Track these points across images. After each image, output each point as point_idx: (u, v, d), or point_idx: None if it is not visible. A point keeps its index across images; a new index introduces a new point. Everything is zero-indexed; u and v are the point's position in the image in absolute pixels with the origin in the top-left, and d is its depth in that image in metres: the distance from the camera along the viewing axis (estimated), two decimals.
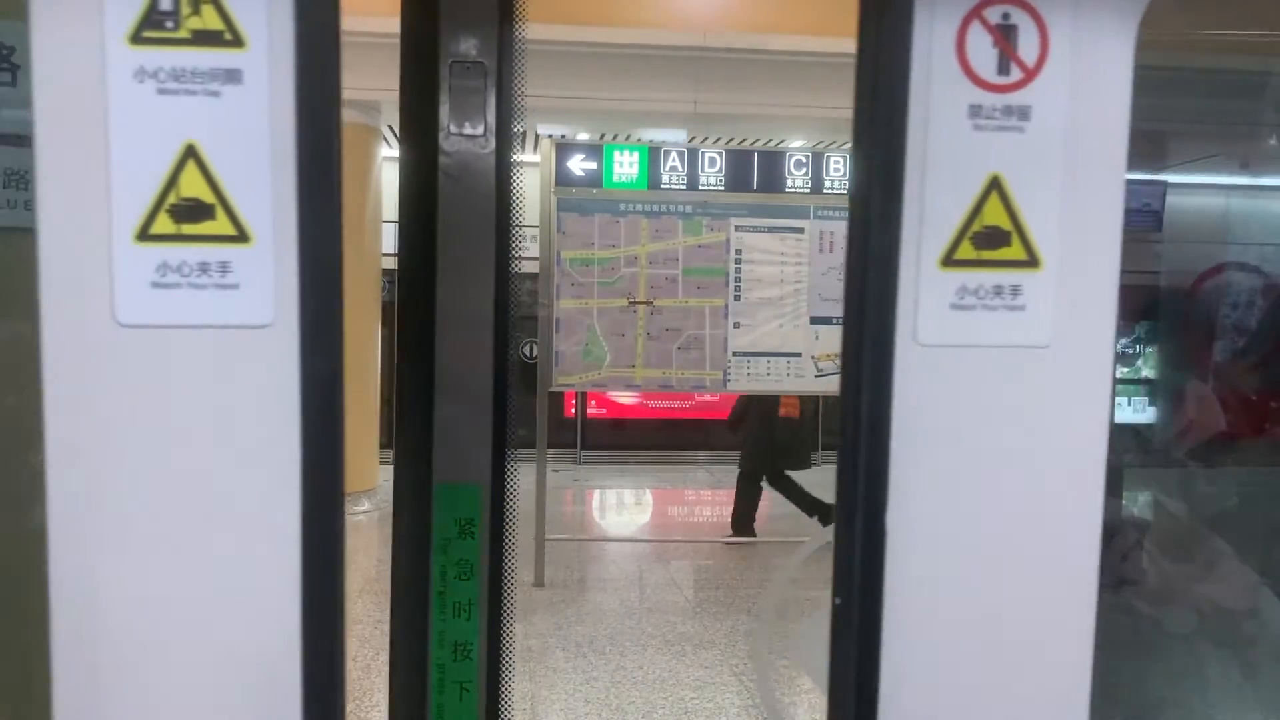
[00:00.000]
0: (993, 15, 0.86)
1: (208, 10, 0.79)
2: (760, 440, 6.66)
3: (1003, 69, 0.87)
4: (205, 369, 0.81)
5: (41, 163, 0.80)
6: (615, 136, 7.34)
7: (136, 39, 0.79)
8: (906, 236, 0.86)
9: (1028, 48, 0.87)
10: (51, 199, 0.80)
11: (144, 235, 0.80)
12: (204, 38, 0.79)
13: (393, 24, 1.12)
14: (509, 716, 1.28)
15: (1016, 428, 0.89)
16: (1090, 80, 0.88)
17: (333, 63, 0.80)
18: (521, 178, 1.22)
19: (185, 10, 0.79)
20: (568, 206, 5.72)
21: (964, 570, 0.89)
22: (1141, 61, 0.88)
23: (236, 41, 0.80)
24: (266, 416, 0.82)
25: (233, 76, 0.80)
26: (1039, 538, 0.90)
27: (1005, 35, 0.87)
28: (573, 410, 10.11)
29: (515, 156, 1.21)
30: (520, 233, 1.22)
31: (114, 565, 0.82)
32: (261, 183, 0.80)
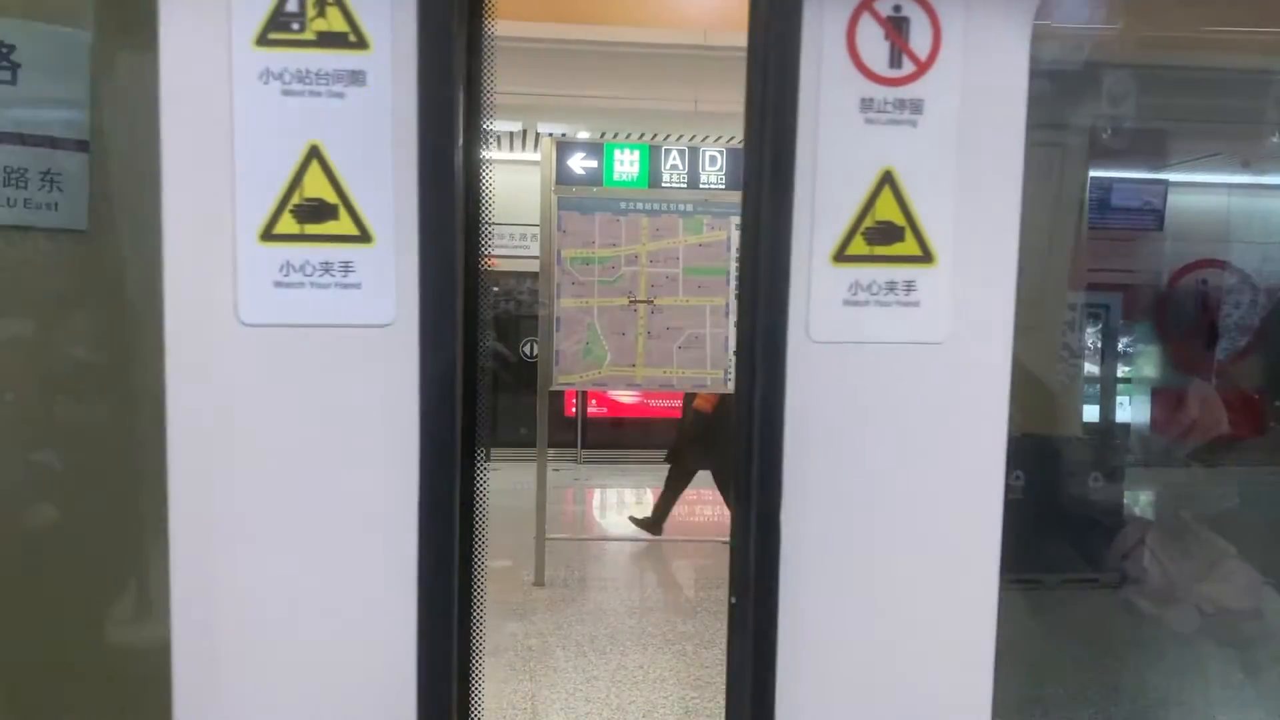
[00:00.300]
0: (884, 7, 0.85)
1: (333, 13, 0.80)
2: (680, 432, 6.68)
3: (894, 62, 0.86)
4: (326, 367, 0.82)
5: (167, 163, 0.80)
6: (615, 135, 7.33)
7: (262, 41, 0.80)
8: (798, 231, 0.85)
9: (920, 40, 0.86)
10: (177, 199, 0.81)
11: (268, 235, 0.81)
12: (329, 39, 0.80)
13: None
14: (479, 715, 1.28)
15: (912, 424, 0.89)
16: (985, 74, 0.87)
17: (453, 64, 0.81)
18: (492, 175, 1.22)
19: (311, 12, 0.80)
20: (568, 205, 5.71)
21: (860, 567, 0.89)
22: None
23: (361, 43, 0.81)
24: (386, 414, 0.83)
25: (356, 78, 0.81)
26: (938, 534, 0.90)
27: (897, 27, 0.86)
28: (573, 409, 10.10)
29: (485, 154, 1.22)
30: (490, 230, 1.23)
31: (232, 558, 0.82)
32: (383, 183, 0.81)
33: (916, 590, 0.89)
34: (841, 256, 0.86)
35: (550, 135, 6.07)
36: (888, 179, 0.86)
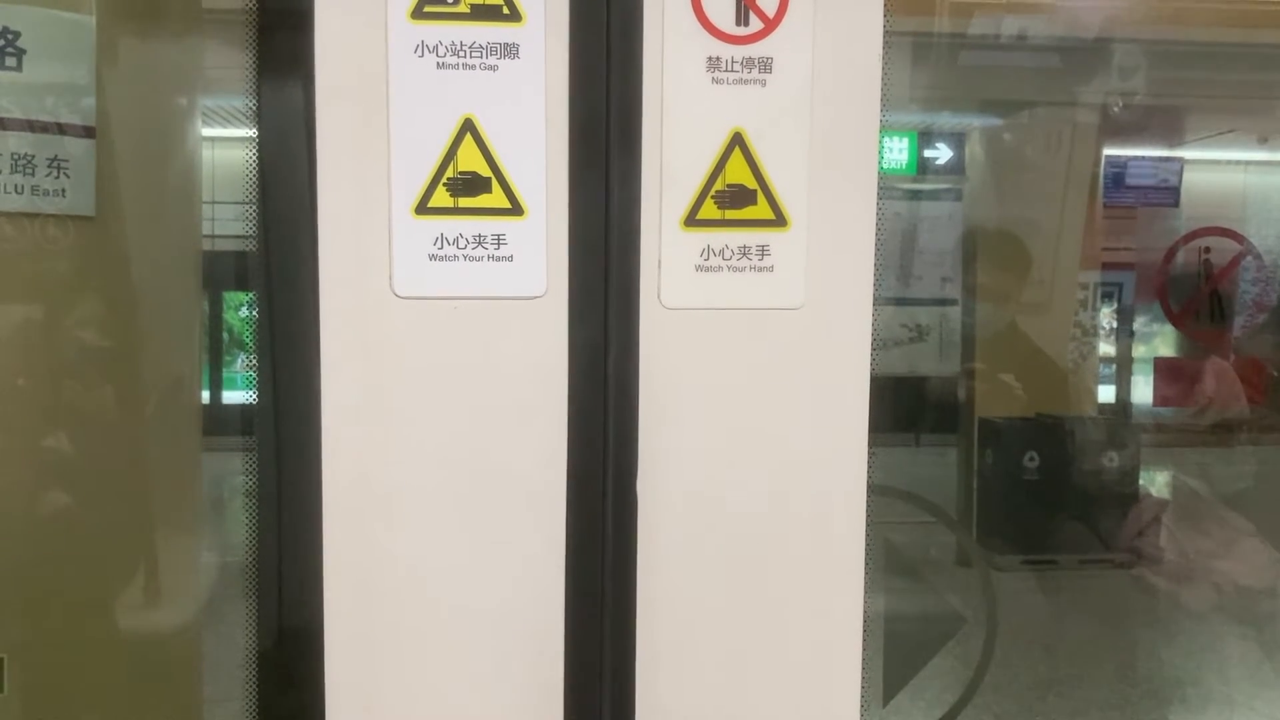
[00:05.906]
0: None
1: None
2: None
3: (741, 19, 0.84)
4: (478, 340, 0.83)
5: (323, 139, 0.81)
6: None
7: (418, 14, 0.80)
8: (647, 196, 0.84)
9: None
10: (332, 173, 0.81)
11: (422, 208, 0.81)
12: (483, 12, 0.81)
13: None
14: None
15: (771, 392, 0.87)
16: (837, 31, 0.85)
17: (603, 37, 0.82)
18: None
19: None
20: None
21: (722, 539, 0.87)
22: None
23: (514, 16, 0.81)
24: (535, 387, 0.83)
25: (509, 50, 0.81)
26: (799, 505, 0.88)
27: None
28: None
29: None
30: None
31: (384, 530, 0.83)
32: (535, 156, 0.82)
33: (781, 565, 0.88)
34: (692, 221, 0.85)
35: None
36: (738, 141, 0.85)
